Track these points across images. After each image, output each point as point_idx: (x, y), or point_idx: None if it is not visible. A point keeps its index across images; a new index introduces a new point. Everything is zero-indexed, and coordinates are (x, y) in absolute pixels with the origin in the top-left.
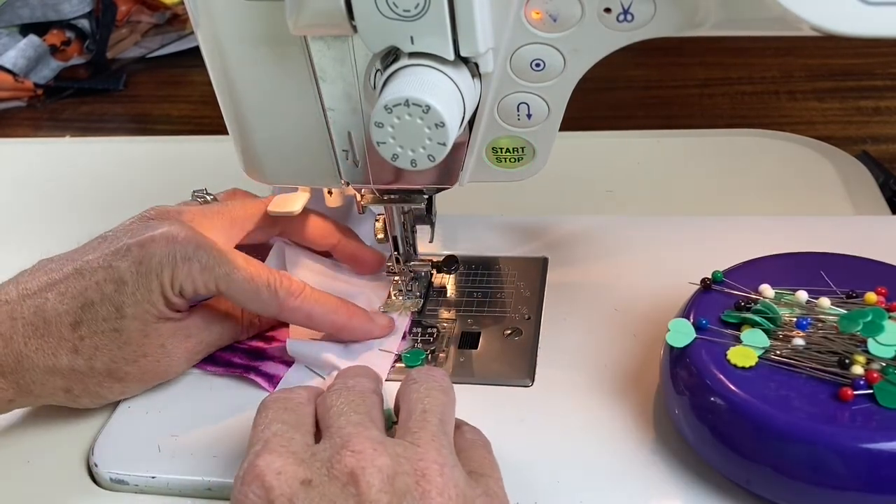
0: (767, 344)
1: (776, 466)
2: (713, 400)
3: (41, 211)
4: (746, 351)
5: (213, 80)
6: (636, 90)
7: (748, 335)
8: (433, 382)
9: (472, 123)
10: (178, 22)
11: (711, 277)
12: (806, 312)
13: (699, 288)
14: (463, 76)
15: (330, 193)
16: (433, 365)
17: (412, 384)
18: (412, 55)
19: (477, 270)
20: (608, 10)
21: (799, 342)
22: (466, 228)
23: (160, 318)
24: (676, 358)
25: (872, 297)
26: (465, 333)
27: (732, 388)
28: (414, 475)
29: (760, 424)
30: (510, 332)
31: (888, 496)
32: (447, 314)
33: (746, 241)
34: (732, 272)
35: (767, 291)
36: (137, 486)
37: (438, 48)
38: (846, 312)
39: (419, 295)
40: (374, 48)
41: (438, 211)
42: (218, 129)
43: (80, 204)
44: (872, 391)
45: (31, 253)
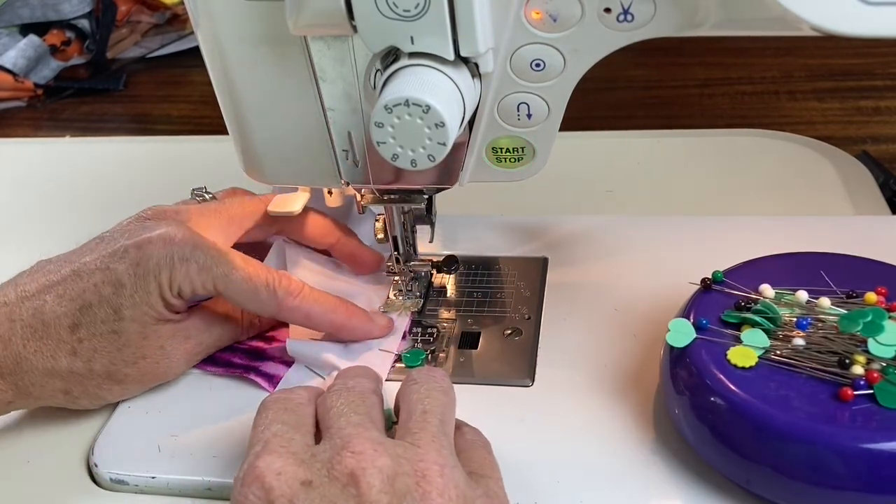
0: (767, 344)
1: (776, 466)
2: (713, 400)
3: (41, 211)
4: (746, 351)
5: (213, 80)
6: (636, 90)
7: (748, 335)
8: (433, 383)
9: (472, 123)
10: (178, 22)
11: (711, 277)
12: (806, 312)
13: (699, 288)
14: (463, 76)
15: (330, 193)
16: (433, 365)
17: (412, 385)
18: (412, 55)
19: (477, 270)
20: (608, 10)
21: (799, 342)
22: (466, 228)
23: (159, 319)
24: (676, 358)
25: (872, 297)
26: (465, 333)
27: (732, 388)
28: (414, 476)
29: (760, 424)
30: (510, 332)
31: (888, 496)
32: (447, 314)
33: (746, 241)
34: (732, 272)
35: (767, 291)
36: (137, 486)
37: (438, 48)
38: (846, 312)
39: (419, 295)
40: (374, 48)
41: (438, 211)
42: (218, 129)
43: (80, 204)
44: (872, 391)
45: (30, 253)
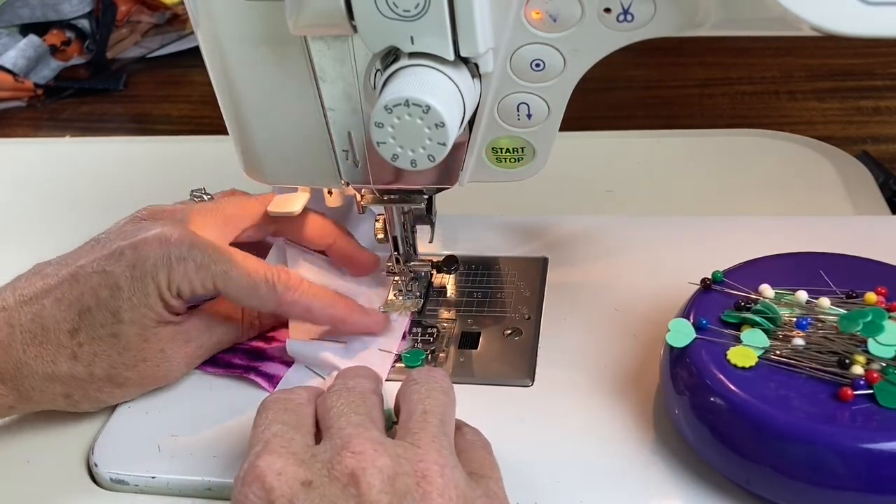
0: (767, 344)
1: (776, 466)
2: (713, 400)
3: (41, 211)
4: (746, 351)
5: (213, 80)
6: (636, 90)
7: (748, 335)
8: (434, 383)
9: (472, 123)
10: (178, 22)
11: (711, 277)
12: (806, 312)
13: (699, 288)
14: (463, 76)
15: (330, 193)
16: (433, 365)
17: (413, 385)
18: (412, 55)
19: (477, 270)
20: (608, 10)
21: (799, 342)
22: (466, 228)
23: (159, 321)
24: (676, 358)
25: (872, 297)
26: (465, 333)
27: (732, 388)
28: (414, 476)
29: (760, 424)
30: (510, 332)
31: (888, 496)
32: (447, 314)
33: (746, 241)
34: (732, 272)
35: (767, 291)
36: (137, 486)
37: (438, 48)
38: (846, 312)
39: (419, 295)
40: (374, 48)
41: (438, 211)
42: (218, 129)
43: (80, 204)
44: (872, 391)
45: (30, 253)
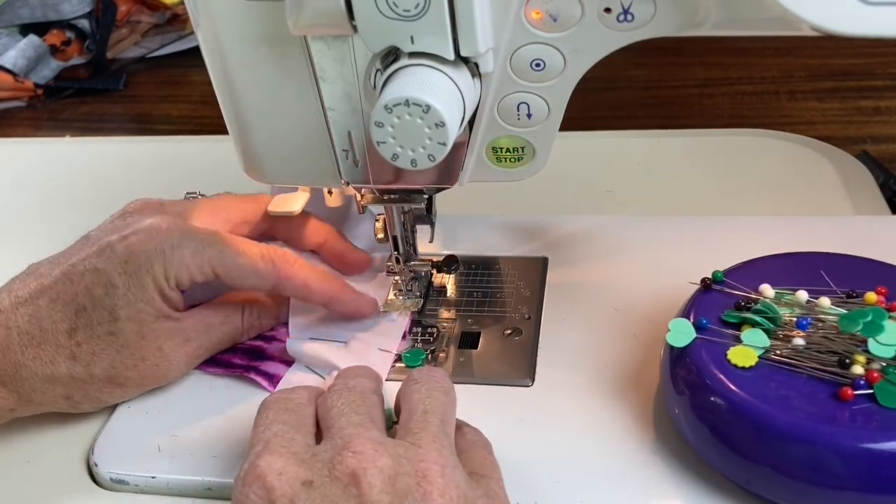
0: (767, 344)
1: (776, 466)
2: (713, 400)
3: (41, 211)
4: (746, 351)
5: (213, 80)
6: (636, 90)
7: (748, 335)
8: (434, 383)
9: (472, 123)
10: (178, 22)
11: (711, 277)
12: (806, 312)
13: (699, 288)
14: (463, 76)
15: (330, 193)
16: (433, 365)
17: (413, 385)
18: (412, 55)
19: (477, 270)
20: (608, 10)
21: (799, 342)
22: (466, 228)
23: (158, 316)
24: (676, 358)
25: (872, 297)
26: (465, 333)
27: (732, 387)
28: (415, 476)
29: (760, 424)
30: (510, 332)
31: (888, 496)
32: (447, 314)
33: (746, 241)
34: (732, 272)
35: (767, 291)
36: (137, 486)
37: (438, 48)
38: (846, 312)
39: (419, 295)
40: (374, 48)
41: (438, 211)
42: (218, 129)
43: (80, 204)
44: (872, 391)
45: (30, 253)
